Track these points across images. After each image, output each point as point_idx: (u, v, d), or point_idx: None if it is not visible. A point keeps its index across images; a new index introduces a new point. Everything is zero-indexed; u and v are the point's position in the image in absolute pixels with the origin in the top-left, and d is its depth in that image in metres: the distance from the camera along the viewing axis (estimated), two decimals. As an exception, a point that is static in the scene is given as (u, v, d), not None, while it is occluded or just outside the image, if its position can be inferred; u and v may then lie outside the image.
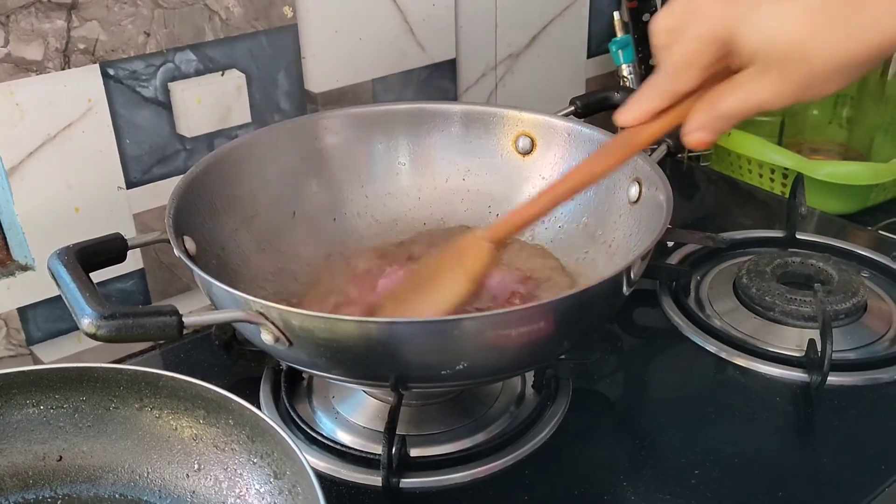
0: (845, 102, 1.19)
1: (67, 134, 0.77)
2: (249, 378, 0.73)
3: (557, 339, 0.61)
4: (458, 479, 0.64)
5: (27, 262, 0.79)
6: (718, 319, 0.81)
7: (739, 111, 0.50)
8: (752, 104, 0.49)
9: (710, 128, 0.51)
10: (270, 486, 0.54)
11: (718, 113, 0.50)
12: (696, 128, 0.51)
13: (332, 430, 0.68)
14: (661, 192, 0.67)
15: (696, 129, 0.51)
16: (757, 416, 0.70)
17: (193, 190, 0.69)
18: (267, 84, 0.90)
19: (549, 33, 1.11)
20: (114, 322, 0.51)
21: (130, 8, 0.78)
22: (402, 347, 0.56)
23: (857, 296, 0.80)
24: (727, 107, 0.50)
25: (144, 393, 0.58)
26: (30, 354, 0.82)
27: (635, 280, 0.62)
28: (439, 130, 0.82)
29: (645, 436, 0.69)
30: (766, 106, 0.49)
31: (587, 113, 0.81)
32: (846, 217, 1.01)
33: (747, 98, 0.49)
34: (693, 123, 0.51)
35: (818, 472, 0.66)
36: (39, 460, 0.58)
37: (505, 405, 0.71)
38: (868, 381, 0.73)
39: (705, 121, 0.51)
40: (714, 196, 1.09)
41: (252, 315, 0.55)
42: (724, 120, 0.50)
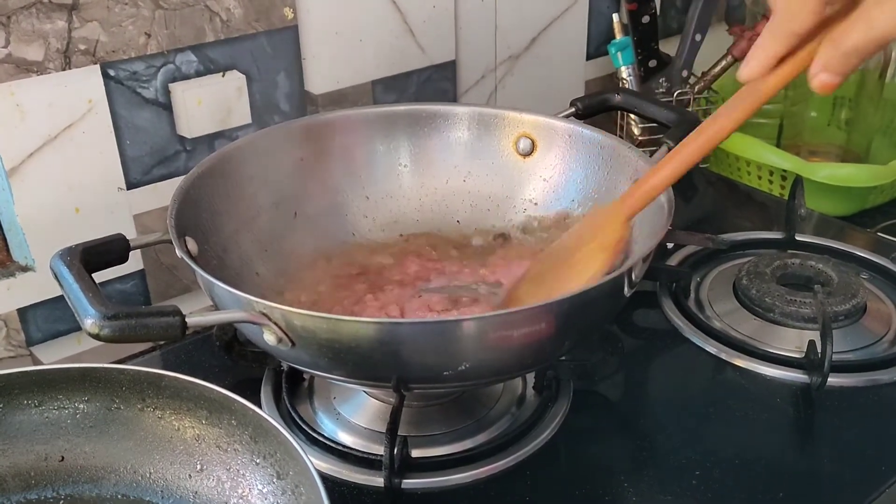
0: (844, 104, 1.19)
1: (68, 135, 0.77)
2: (250, 379, 0.73)
3: (559, 340, 0.61)
4: (459, 480, 0.64)
5: (27, 263, 0.79)
6: (718, 321, 0.81)
7: (865, 45, 0.48)
8: (876, 35, 0.47)
9: (837, 67, 0.49)
10: (273, 486, 0.54)
11: (844, 49, 0.48)
12: (821, 68, 0.49)
13: (334, 430, 0.68)
14: (661, 194, 0.67)
15: (822, 70, 0.49)
16: (757, 418, 0.70)
17: (195, 191, 0.69)
18: (267, 85, 0.90)
19: (549, 35, 1.11)
20: (117, 322, 0.51)
21: (131, 9, 0.78)
22: (405, 348, 0.56)
23: (857, 297, 0.80)
24: (852, 42, 0.48)
25: (147, 393, 0.58)
26: (29, 355, 0.82)
27: (636, 281, 0.63)
28: (440, 132, 0.82)
29: (646, 437, 0.69)
30: (889, 36, 0.47)
31: (588, 114, 0.81)
32: (845, 219, 1.01)
33: (870, 29, 0.47)
34: (818, 64, 0.49)
35: (818, 474, 0.66)
36: (41, 460, 0.58)
37: (506, 406, 0.71)
38: (868, 382, 0.73)
39: (831, 60, 0.49)
40: (713, 198, 1.09)
41: (255, 316, 0.55)
42: (851, 57, 0.48)
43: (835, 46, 0.49)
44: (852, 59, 0.49)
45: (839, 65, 0.49)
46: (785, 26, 0.50)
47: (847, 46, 0.48)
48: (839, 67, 0.49)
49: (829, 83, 0.50)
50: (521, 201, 0.80)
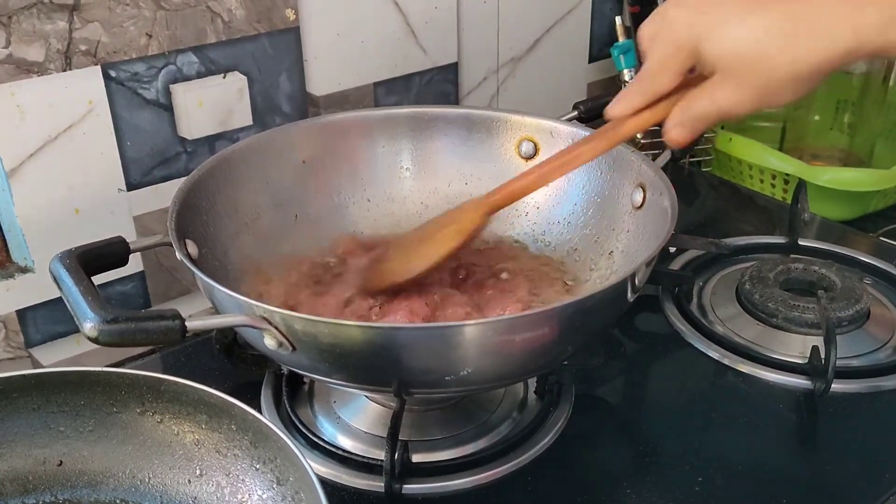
0: (847, 108, 1.19)
1: (68, 135, 0.77)
2: (250, 383, 0.73)
3: (561, 345, 0.61)
4: (460, 486, 0.64)
5: (27, 264, 0.79)
6: (721, 325, 0.81)
7: (707, 114, 0.54)
8: (716, 109, 0.53)
9: (686, 126, 0.55)
10: (273, 492, 0.54)
11: (691, 115, 0.55)
12: (672, 125, 0.56)
13: (334, 435, 0.68)
14: (665, 198, 0.67)
15: (673, 127, 0.56)
16: (760, 423, 0.70)
17: (195, 193, 0.69)
18: (269, 87, 0.89)
19: (551, 37, 1.11)
20: (116, 326, 0.51)
21: (132, 9, 0.77)
22: (406, 353, 0.56)
23: (861, 303, 0.79)
24: (696, 110, 0.54)
25: (146, 397, 0.57)
26: (28, 357, 0.82)
27: (640, 286, 0.62)
28: (442, 134, 0.81)
29: (648, 442, 0.69)
30: (728, 111, 0.53)
31: (590, 118, 0.80)
32: (848, 223, 1.01)
33: (711, 103, 0.53)
34: (671, 122, 0.56)
35: (822, 480, 0.65)
36: (40, 465, 0.58)
37: (507, 411, 0.70)
38: (871, 388, 0.73)
39: (680, 121, 0.55)
40: (716, 201, 1.09)
41: (255, 319, 0.55)
42: (697, 122, 0.55)
43: (684, 111, 0.55)
44: (700, 123, 0.55)
45: (688, 125, 0.55)
46: (647, 85, 0.56)
47: (694, 113, 0.55)
48: (688, 127, 0.56)
49: (679, 139, 0.56)
50: (522, 205, 0.79)
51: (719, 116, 0.54)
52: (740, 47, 0.50)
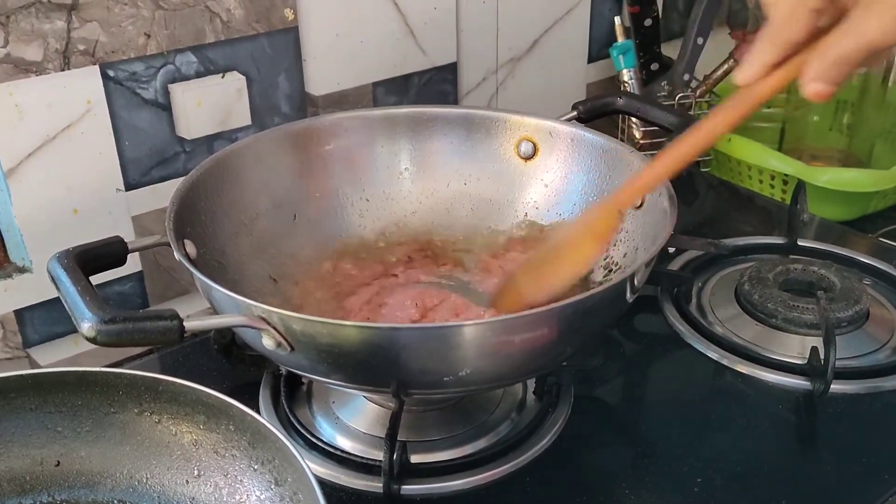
0: (846, 109, 1.19)
1: (67, 135, 0.77)
2: (248, 383, 0.73)
3: (560, 345, 0.61)
4: (459, 486, 0.64)
5: (25, 265, 0.79)
6: (720, 326, 0.81)
7: (851, 54, 0.49)
8: (861, 45, 0.49)
9: (827, 76, 0.50)
10: (271, 493, 0.54)
11: (832, 59, 0.50)
12: (811, 78, 0.51)
13: (333, 435, 0.68)
14: (665, 199, 0.66)
15: (812, 80, 0.51)
16: (759, 424, 0.70)
17: (194, 193, 0.68)
18: (267, 86, 0.89)
19: (551, 37, 1.10)
20: (114, 327, 0.50)
21: (131, 9, 0.77)
22: (404, 353, 0.56)
23: (860, 303, 0.79)
24: (839, 51, 0.49)
25: (144, 398, 0.57)
26: (26, 357, 0.81)
27: (639, 287, 0.62)
28: (441, 134, 0.81)
29: (647, 443, 0.69)
30: (875, 44, 0.49)
31: (590, 118, 0.80)
32: (847, 224, 1.01)
33: (856, 39, 0.49)
34: (810, 73, 0.51)
35: (821, 481, 0.65)
36: (37, 465, 0.58)
37: (506, 412, 0.70)
38: (871, 389, 0.72)
39: (821, 69, 0.50)
40: (715, 202, 1.09)
41: (253, 320, 0.55)
42: (840, 66, 0.50)
43: (824, 56, 0.50)
44: (842, 69, 0.50)
45: (830, 74, 0.50)
46: (779, 35, 0.51)
47: (836, 56, 0.50)
48: (830, 76, 0.50)
49: (822, 92, 0.51)
50: (522, 205, 0.79)
51: (867, 52, 0.49)
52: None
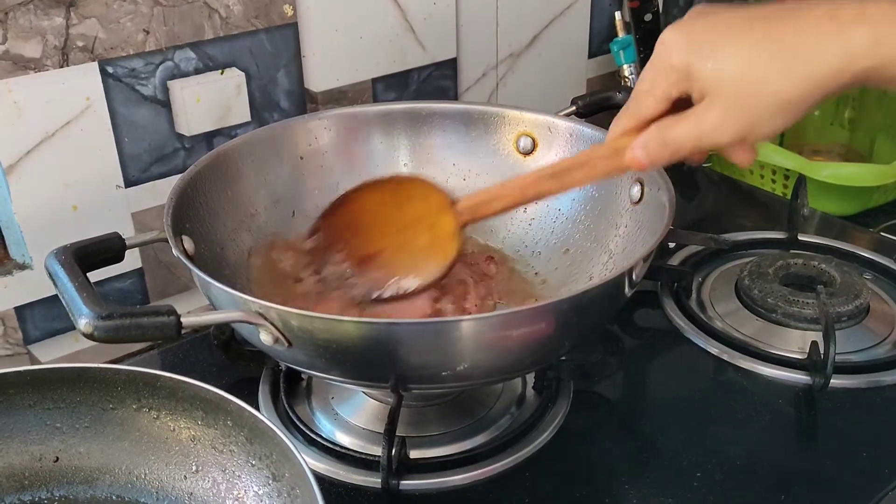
0: (847, 104, 1.19)
1: (66, 132, 0.77)
2: (248, 379, 0.73)
3: (558, 340, 0.61)
4: (458, 481, 0.64)
5: (25, 261, 0.79)
6: (720, 321, 0.81)
7: (685, 140, 0.52)
8: (696, 134, 0.52)
9: (652, 150, 0.54)
10: (269, 488, 0.54)
11: (664, 138, 0.53)
12: (638, 145, 0.55)
13: (332, 431, 0.68)
14: (663, 193, 0.66)
15: (638, 147, 0.55)
16: (759, 419, 0.70)
17: (192, 189, 0.68)
18: (267, 83, 0.89)
19: (551, 33, 1.10)
20: (111, 322, 0.50)
21: (130, 5, 0.77)
22: (402, 348, 0.56)
23: (860, 298, 0.79)
24: (674, 134, 0.53)
25: (142, 393, 0.57)
26: (27, 353, 0.82)
27: (637, 281, 0.62)
28: (440, 130, 0.81)
29: (646, 438, 0.69)
30: (708, 137, 0.52)
31: (589, 113, 0.80)
32: (847, 219, 1.01)
33: (692, 128, 0.52)
34: (639, 141, 0.55)
35: (821, 475, 0.65)
36: (36, 461, 0.58)
37: (505, 406, 0.70)
38: (870, 383, 0.72)
39: (651, 141, 0.54)
40: (715, 197, 1.09)
41: (251, 315, 0.55)
42: (666, 146, 0.53)
43: (659, 133, 0.53)
44: (668, 150, 0.53)
45: (655, 148, 0.54)
46: (634, 108, 0.55)
47: (669, 136, 0.53)
48: (654, 151, 0.54)
49: (640, 161, 0.55)
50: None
51: (697, 142, 0.52)
52: (729, 68, 0.49)
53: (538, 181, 0.61)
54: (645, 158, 0.54)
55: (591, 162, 0.59)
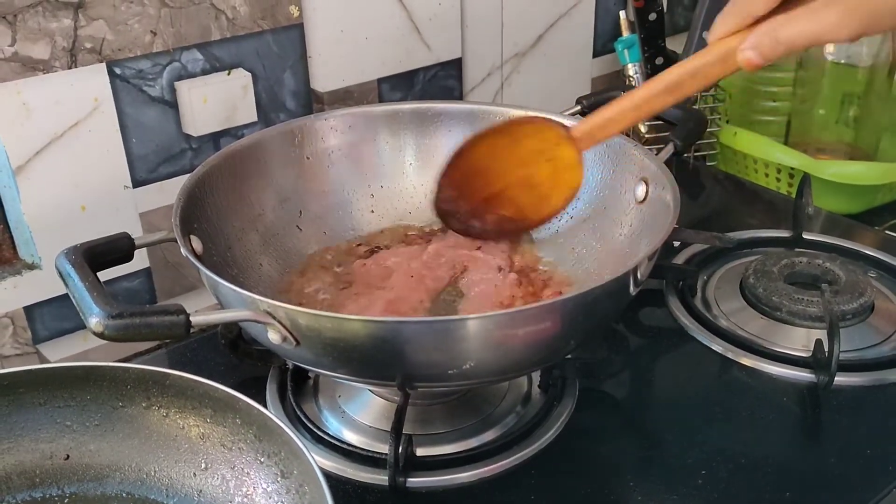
0: (852, 102, 1.18)
1: (74, 133, 0.77)
2: (255, 377, 0.73)
3: (564, 338, 0.61)
4: (464, 479, 0.64)
5: (34, 261, 0.79)
6: (725, 319, 0.81)
7: (799, 38, 0.51)
8: (814, 33, 0.50)
9: (766, 50, 0.52)
10: (277, 485, 0.54)
11: (780, 37, 0.51)
12: (750, 45, 0.53)
13: (339, 429, 0.68)
14: (668, 192, 0.67)
15: (750, 48, 0.53)
16: (764, 417, 0.70)
17: (200, 189, 0.69)
18: (273, 83, 0.90)
19: (555, 33, 1.11)
20: (121, 321, 0.51)
21: (137, 7, 0.78)
22: (409, 347, 0.56)
23: (865, 296, 0.79)
24: (790, 32, 0.51)
25: (152, 392, 0.58)
26: (36, 353, 0.82)
27: (642, 280, 0.62)
28: (446, 130, 0.81)
29: (651, 436, 0.69)
30: (826, 36, 0.50)
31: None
32: (852, 217, 1.01)
33: (811, 27, 0.50)
34: (750, 41, 0.53)
35: (825, 473, 0.65)
36: (46, 459, 0.58)
37: (511, 405, 0.70)
38: (875, 381, 0.72)
39: (763, 42, 0.52)
40: (720, 196, 1.09)
41: (259, 314, 0.55)
42: (782, 45, 0.52)
43: (773, 31, 0.52)
44: (784, 48, 0.52)
45: (768, 48, 0.52)
46: (743, 7, 0.53)
47: (785, 35, 0.51)
48: (767, 51, 0.52)
49: (754, 62, 0.53)
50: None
51: (814, 40, 0.51)
52: None
53: (652, 97, 0.60)
54: (758, 58, 0.53)
55: (703, 69, 0.57)
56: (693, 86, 0.59)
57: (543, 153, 0.66)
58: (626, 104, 0.62)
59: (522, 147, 0.67)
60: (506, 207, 0.68)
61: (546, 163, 0.66)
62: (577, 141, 0.64)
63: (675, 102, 0.60)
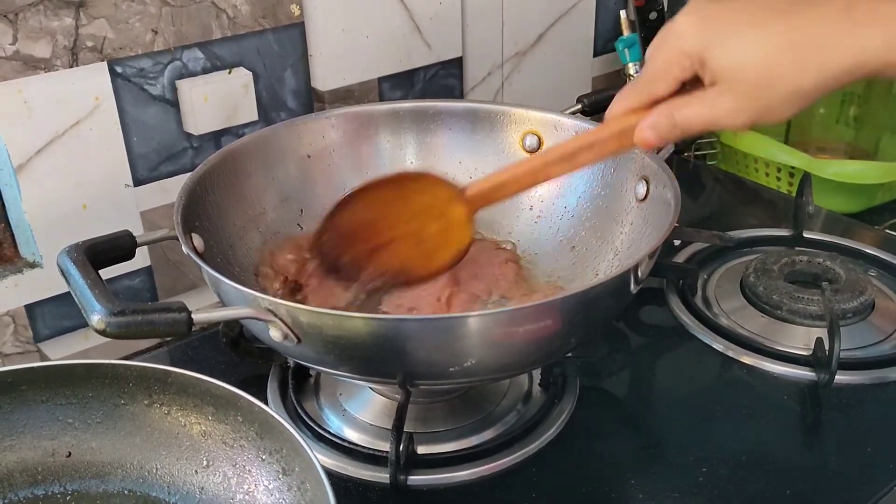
0: (853, 101, 1.19)
1: (75, 132, 0.77)
2: (257, 376, 0.73)
3: (565, 336, 0.61)
4: (465, 477, 0.64)
5: (35, 260, 0.80)
6: (725, 318, 0.81)
7: (695, 121, 0.53)
8: (707, 118, 0.53)
9: (662, 131, 0.54)
10: (279, 482, 0.54)
11: (675, 119, 0.54)
12: (647, 125, 0.55)
13: (340, 427, 0.69)
14: (668, 191, 0.67)
15: (648, 128, 0.55)
16: (764, 415, 0.70)
17: (201, 188, 0.69)
18: (274, 82, 0.90)
19: (556, 32, 1.11)
20: (123, 318, 0.51)
21: (138, 6, 0.78)
22: (410, 344, 0.56)
23: (865, 294, 0.79)
24: (684, 115, 0.53)
25: (153, 389, 0.58)
26: (37, 351, 0.82)
27: (643, 278, 0.62)
28: (446, 128, 0.82)
29: (652, 434, 0.69)
30: (720, 122, 0.52)
31: (594, 111, 0.81)
32: (853, 216, 1.01)
33: (704, 112, 0.52)
34: (648, 121, 0.55)
35: (826, 471, 0.65)
36: (48, 456, 0.58)
37: (512, 403, 0.71)
38: (875, 379, 0.73)
39: (660, 122, 0.54)
40: (721, 195, 1.09)
41: (261, 312, 0.55)
42: (678, 127, 0.54)
43: (670, 113, 0.54)
44: (677, 130, 0.54)
45: (665, 129, 0.54)
46: (644, 88, 0.55)
47: (680, 117, 0.53)
48: (665, 131, 0.54)
49: (650, 141, 0.55)
50: (527, 198, 0.79)
51: (708, 125, 0.53)
52: (747, 60, 0.50)
53: (547, 165, 0.61)
54: (654, 139, 0.55)
55: (599, 143, 0.59)
56: (588, 157, 0.60)
57: (434, 208, 0.65)
58: (523, 169, 0.62)
59: (413, 202, 0.66)
60: (390, 261, 0.66)
61: (436, 219, 0.65)
62: (469, 201, 0.64)
63: (570, 171, 0.61)
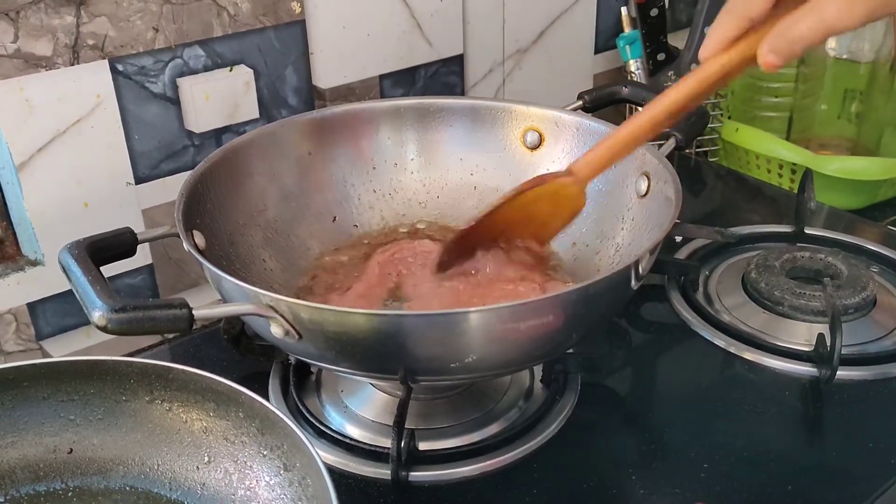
0: (854, 98, 1.19)
1: (76, 129, 0.77)
2: (258, 373, 0.73)
3: (566, 332, 0.61)
4: (466, 473, 0.64)
5: (37, 257, 0.80)
6: (727, 314, 0.81)
7: (809, 35, 0.51)
8: (820, 27, 0.51)
9: (782, 52, 0.52)
10: (280, 478, 0.54)
11: (791, 37, 0.52)
12: (768, 50, 0.53)
13: (341, 423, 0.69)
14: (669, 187, 0.67)
15: (769, 52, 0.53)
16: (766, 411, 0.70)
17: (202, 185, 0.69)
18: (275, 79, 0.90)
19: (557, 29, 1.11)
20: (124, 315, 0.51)
21: (139, 3, 0.78)
22: (411, 340, 0.56)
23: (867, 290, 0.79)
24: (798, 31, 0.51)
25: (155, 386, 0.58)
26: (39, 349, 0.82)
27: (643, 274, 0.62)
28: (447, 125, 0.82)
29: (654, 430, 0.69)
30: (836, 27, 0.50)
31: (595, 107, 0.81)
32: (854, 212, 1.01)
33: (818, 20, 0.50)
34: (766, 46, 0.53)
35: (827, 467, 0.65)
36: (50, 453, 0.58)
37: (513, 399, 0.71)
38: (877, 375, 0.73)
39: (778, 45, 0.52)
40: (722, 191, 1.09)
41: (262, 308, 0.55)
42: (795, 44, 0.52)
43: (783, 34, 0.52)
44: (798, 46, 0.52)
45: (785, 50, 0.53)
46: (741, 10, 0.53)
47: (795, 35, 0.52)
48: (785, 52, 0.53)
49: (775, 63, 0.53)
50: (527, 194, 0.79)
51: (825, 34, 0.51)
52: None
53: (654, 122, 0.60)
54: (778, 60, 0.53)
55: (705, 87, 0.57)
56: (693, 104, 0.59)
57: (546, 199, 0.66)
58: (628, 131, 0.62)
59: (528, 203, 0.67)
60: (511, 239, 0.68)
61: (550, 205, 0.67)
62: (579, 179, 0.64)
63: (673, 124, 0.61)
